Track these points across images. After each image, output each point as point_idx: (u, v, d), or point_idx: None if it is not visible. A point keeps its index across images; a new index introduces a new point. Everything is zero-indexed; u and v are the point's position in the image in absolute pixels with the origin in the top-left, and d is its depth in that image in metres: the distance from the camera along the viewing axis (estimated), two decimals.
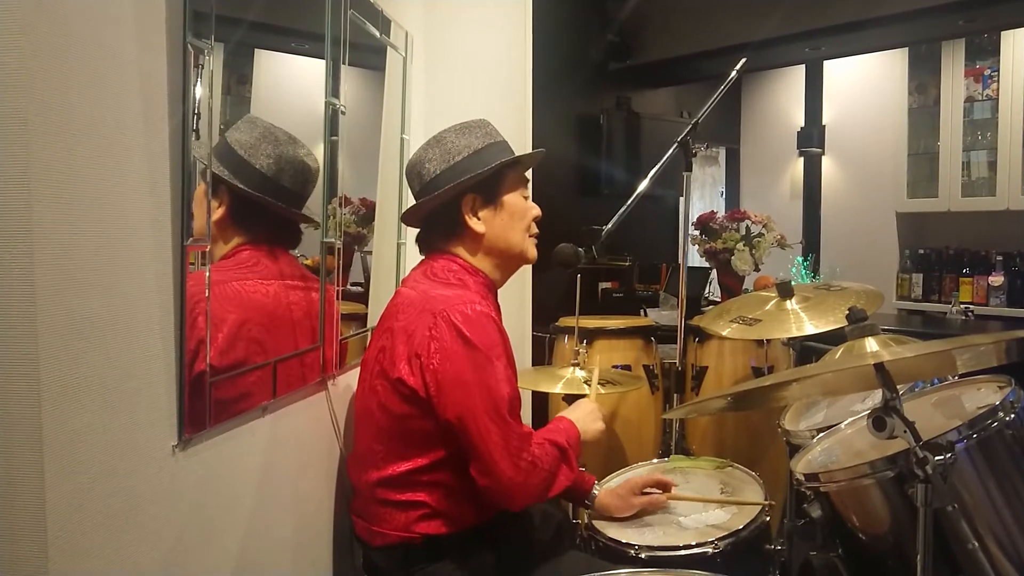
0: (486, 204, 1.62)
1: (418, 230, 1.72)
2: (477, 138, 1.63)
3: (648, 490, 1.84)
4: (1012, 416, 1.30)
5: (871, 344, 1.59)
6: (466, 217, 1.61)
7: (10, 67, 0.83)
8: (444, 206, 1.62)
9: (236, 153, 1.35)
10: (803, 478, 1.45)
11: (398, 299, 1.61)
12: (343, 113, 1.67)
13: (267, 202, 1.43)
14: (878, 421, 1.15)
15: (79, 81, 0.92)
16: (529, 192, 1.71)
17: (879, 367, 1.16)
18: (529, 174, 1.73)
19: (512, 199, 1.65)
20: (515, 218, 1.65)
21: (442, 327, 1.47)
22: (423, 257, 1.70)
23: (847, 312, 1.63)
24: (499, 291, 1.71)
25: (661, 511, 1.81)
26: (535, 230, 1.69)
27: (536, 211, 1.70)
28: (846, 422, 1.67)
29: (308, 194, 1.53)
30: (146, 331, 1.05)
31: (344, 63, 1.67)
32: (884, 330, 1.77)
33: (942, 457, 1.10)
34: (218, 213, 1.32)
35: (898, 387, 1.17)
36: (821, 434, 1.68)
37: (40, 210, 0.86)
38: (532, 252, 1.69)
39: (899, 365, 1.23)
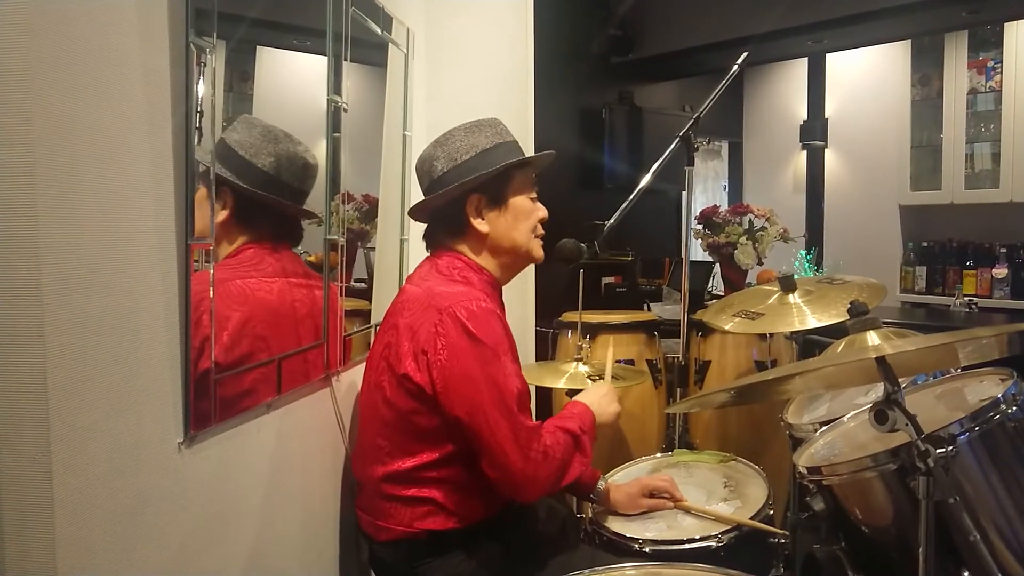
0: (491, 204, 1.62)
1: (425, 226, 1.73)
2: (486, 137, 1.62)
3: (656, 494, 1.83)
4: (1014, 409, 1.30)
5: (873, 337, 1.59)
6: (470, 217, 1.61)
7: (14, 69, 0.83)
8: (449, 205, 1.62)
9: (237, 154, 1.36)
10: (806, 471, 1.46)
11: (403, 296, 1.62)
12: (345, 111, 1.67)
13: (272, 200, 1.44)
14: (879, 414, 1.15)
15: (83, 82, 0.93)
16: (535, 193, 1.70)
17: (880, 360, 1.16)
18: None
19: (518, 200, 1.64)
20: (520, 219, 1.65)
21: (448, 323, 1.48)
22: (428, 253, 1.71)
23: (848, 306, 1.62)
24: (503, 286, 1.71)
25: None
26: (541, 231, 1.69)
27: (543, 213, 1.70)
28: (849, 415, 1.66)
29: (309, 189, 1.54)
30: (151, 329, 1.06)
31: (346, 59, 1.67)
32: (887, 323, 1.77)
33: (944, 450, 1.10)
34: (222, 215, 1.33)
35: (900, 380, 1.18)
36: (824, 427, 1.68)
37: (45, 211, 0.87)
38: (538, 252, 1.70)
39: (901, 358, 1.23)
